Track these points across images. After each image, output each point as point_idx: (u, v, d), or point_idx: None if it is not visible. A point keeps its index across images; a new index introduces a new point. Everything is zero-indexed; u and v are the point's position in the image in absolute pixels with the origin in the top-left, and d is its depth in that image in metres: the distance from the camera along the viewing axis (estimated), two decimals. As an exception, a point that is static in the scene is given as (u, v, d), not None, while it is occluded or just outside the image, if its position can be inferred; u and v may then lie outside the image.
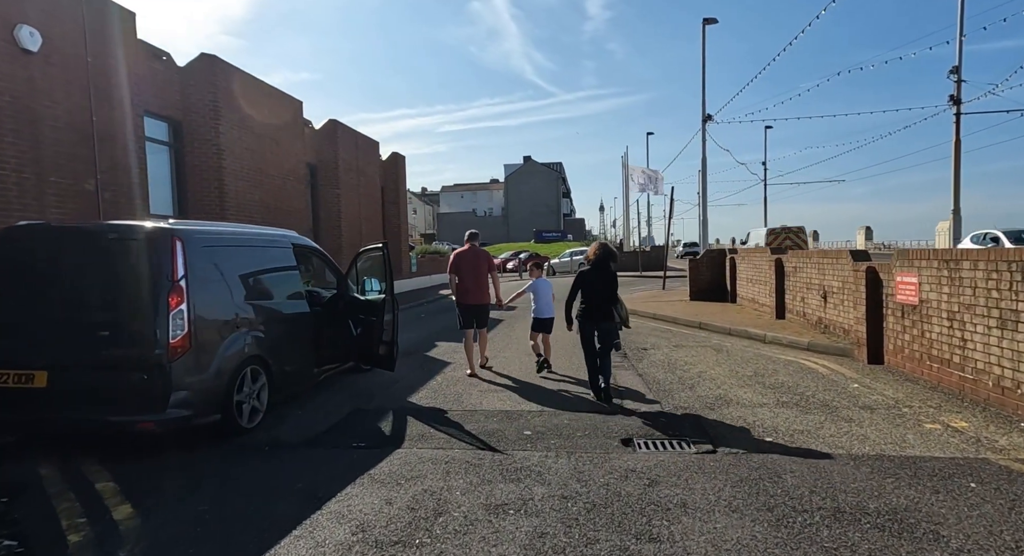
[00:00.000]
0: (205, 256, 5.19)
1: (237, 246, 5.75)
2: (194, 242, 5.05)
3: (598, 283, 6.40)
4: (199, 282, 5.00)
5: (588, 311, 6.41)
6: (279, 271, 6.38)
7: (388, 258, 7.11)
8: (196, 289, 4.92)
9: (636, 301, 16.52)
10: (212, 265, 5.27)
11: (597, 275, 6.43)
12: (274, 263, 6.29)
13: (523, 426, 5.59)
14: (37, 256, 5.02)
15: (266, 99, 14.14)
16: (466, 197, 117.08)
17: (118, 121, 9.42)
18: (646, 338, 10.87)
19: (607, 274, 6.45)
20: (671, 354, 9.15)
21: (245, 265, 5.79)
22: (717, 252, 16.36)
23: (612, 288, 6.43)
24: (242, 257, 5.77)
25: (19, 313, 4.85)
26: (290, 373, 6.26)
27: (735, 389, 6.77)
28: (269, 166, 14.16)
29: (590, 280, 6.45)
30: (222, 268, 5.41)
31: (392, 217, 23.67)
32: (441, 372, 8.30)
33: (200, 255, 5.11)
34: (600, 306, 6.38)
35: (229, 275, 5.48)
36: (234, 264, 5.61)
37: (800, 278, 10.39)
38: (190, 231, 5.12)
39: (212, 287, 5.21)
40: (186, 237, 4.96)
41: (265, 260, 6.12)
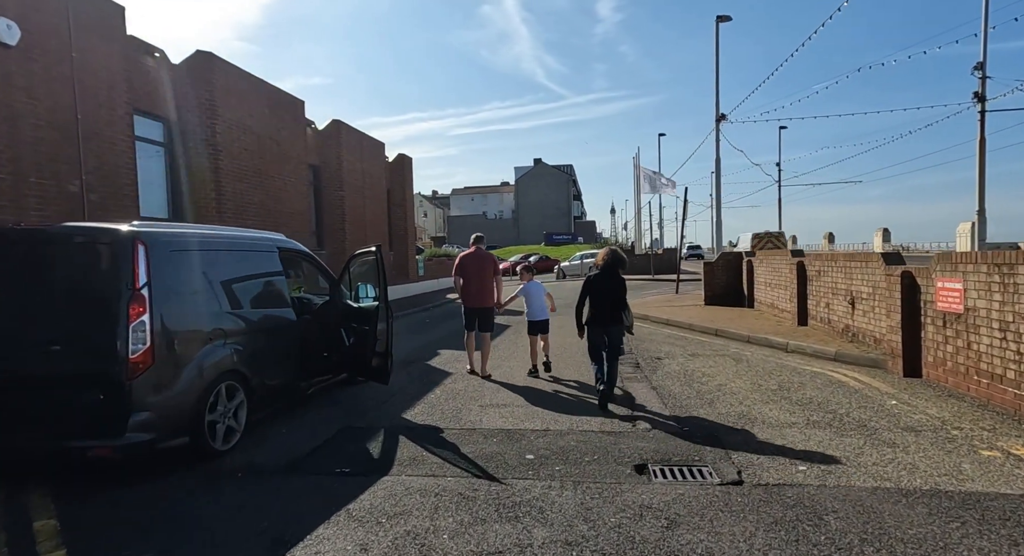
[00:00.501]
0: (174, 261, 4.71)
1: (212, 250, 5.26)
2: (160, 246, 4.57)
3: (607, 289, 6.41)
4: (166, 290, 4.52)
5: (597, 316, 6.40)
6: (262, 277, 5.89)
7: (381, 262, 6.60)
8: (162, 298, 4.44)
9: (649, 306, 15.93)
10: (182, 271, 4.79)
11: (606, 280, 6.45)
12: (256, 269, 5.81)
13: (525, 448, 5.05)
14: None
15: (265, 98, 13.73)
16: (476, 200, 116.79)
17: (105, 119, 9.01)
18: (660, 346, 10.28)
19: (616, 280, 6.48)
20: (687, 364, 8.57)
21: (222, 271, 5.31)
22: (733, 255, 15.73)
23: (621, 294, 6.45)
24: (218, 262, 5.28)
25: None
26: (274, 388, 5.77)
27: (759, 405, 6.19)
28: (269, 167, 13.74)
29: (599, 285, 6.44)
30: (194, 274, 4.93)
31: (398, 219, 23.23)
32: (440, 384, 7.78)
33: (168, 260, 4.63)
34: (609, 311, 6.38)
35: (202, 282, 5.00)
36: (208, 270, 5.12)
37: (824, 283, 9.76)
38: (156, 234, 4.64)
39: (181, 295, 4.73)
40: (151, 240, 4.48)
41: (245, 265, 5.63)
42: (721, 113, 30.01)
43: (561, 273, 35.53)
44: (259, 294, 5.77)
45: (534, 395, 7.03)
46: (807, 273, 10.53)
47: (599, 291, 6.43)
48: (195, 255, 4.99)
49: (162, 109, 11.00)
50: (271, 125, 13.85)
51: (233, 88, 12.36)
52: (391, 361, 6.92)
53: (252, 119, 13.04)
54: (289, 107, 14.86)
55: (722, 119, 30.11)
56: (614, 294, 6.42)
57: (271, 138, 13.80)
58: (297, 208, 14.98)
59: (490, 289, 7.93)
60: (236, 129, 12.40)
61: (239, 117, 12.54)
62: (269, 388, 5.67)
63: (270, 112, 13.86)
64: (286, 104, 14.72)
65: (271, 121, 13.87)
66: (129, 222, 4.66)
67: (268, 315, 5.81)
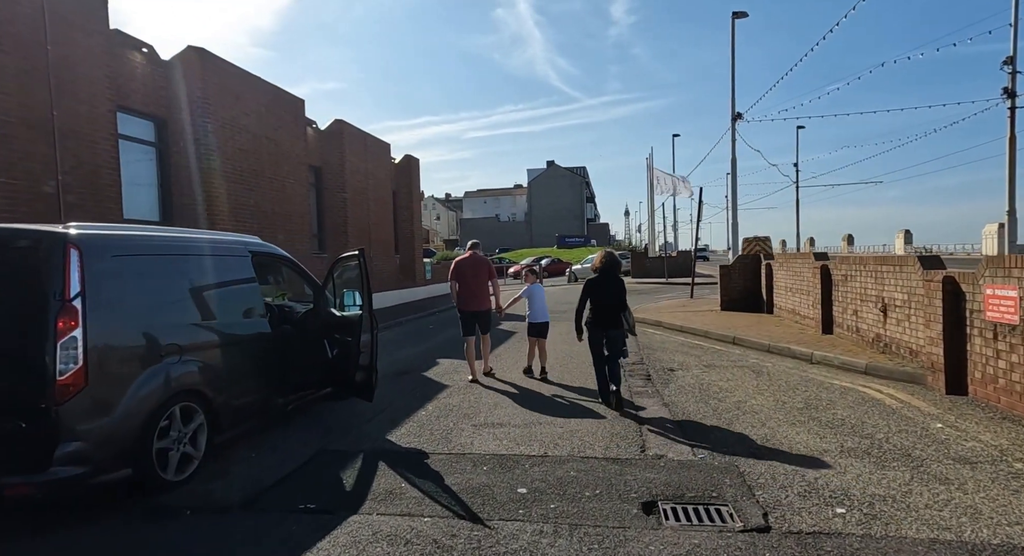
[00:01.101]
0: (117, 268, 4.16)
1: (168, 255, 4.71)
2: (98, 250, 4.02)
3: (606, 291, 6.47)
4: (105, 301, 3.96)
5: (597, 319, 6.45)
6: (230, 285, 5.33)
7: (365, 267, 6.02)
8: (99, 309, 3.88)
9: (662, 311, 15.23)
10: (127, 279, 4.24)
11: (604, 283, 6.51)
12: (223, 275, 5.25)
13: (518, 479, 4.44)
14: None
15: (262, 97, 13.27)
16: (489, 202, 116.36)
17: (85, 116, 8.56)
18: (673, 355, 9.61)
19: (614, 282, 6.55)
20: (702, 377, 7.89)
21: (179, 278, 4.76)
22: (751, 258, 14.99)
23: (620, 296, 6.50)
24: (175, 269, 4.73)
25: None
26: (244, 406, 5.21)
27: (784, 427, 5.51)
28: (266, 168, 13.27)
29: (598, 288, 6.50)
30: (144, 283, 4.38)
31: (404, 222, 22.72)
32: (434, 398, 7.19)
33: (109, 267, 4.08)
34: (609, 314, 6.42)
35: (153, 291, 4.45)
36: (162, 277, 4.58)
37: (852, 288, 9.03)
38: (94, 236, 4.10)
39: (125, 307, 4.17)
40: (86, 244, 3.93)
41: (209, 271, 5.08)
42: (737, 112, 29.22)
43: (573, 276, 34.82)
44: (226, 303, 5.21)
45: (534, 410, 6.42)
46: (832, 277, 9.80)
47: (598, 294, 6.48)
48: (145, 261, 4.45)
49: (152, 107, 10.56)
50: (268, 124, 13.39)
51: (227, 86, 11.90)
52: (376, 375, 6.35)
53: (248, 118, 12.58)
54: (288, 106, 14.40)
55: (738, 118, 29.28)
56: (613, 296, 6.46)
57: (268, 138, 13.34)
58: (296, 210, 14.51)
59: (486, 293, 8.00)
60: (230, 128, 11.94)
61: (233, 116, 12.08)
62: (238, 407, 5.11)
63: (267, 111, 13.40)
64: (285, 103, 14.26)
65: (268, 120, 13.40)
66: (65, 224, 4.12)
67: (237, 326, 5.26)
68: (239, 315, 5.33)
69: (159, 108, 10.70)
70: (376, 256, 19.20)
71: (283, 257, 6.43)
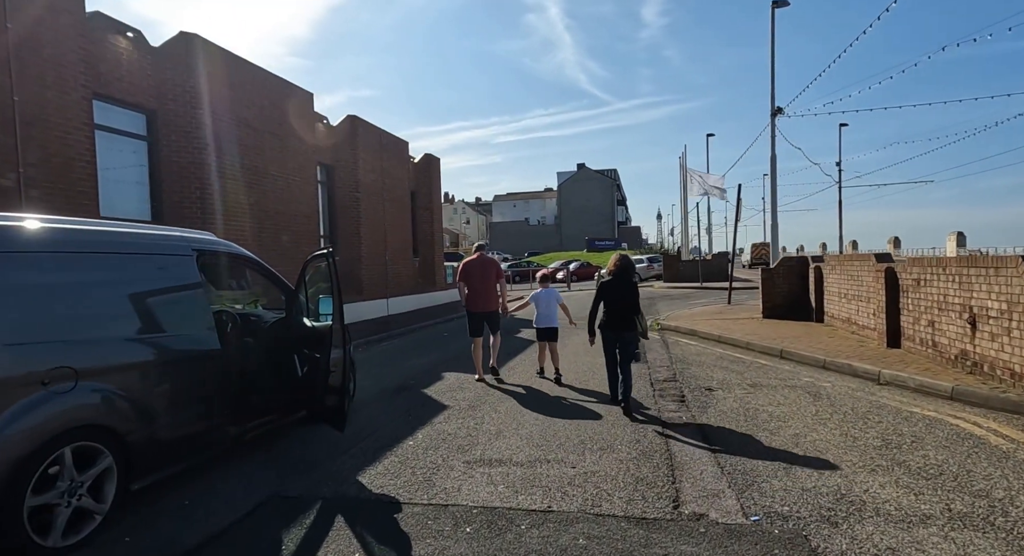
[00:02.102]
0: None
1: (69, 253, 3.74)
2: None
3: (619, 294, 6.45)
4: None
5: (610, 322, 6.45)
6: (163, 291, 4.36)
7: (335, 269, 4.99)
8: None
9: (697, 318, 13.90)
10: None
11: (618, 286, 6.48)
12: (152, 279, 4.27)
13: (507, 550, 3.33)
14: None
15: (265, 89, 12.46)
16: (519, 206, 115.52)
17: (54, 104, 7.78)
18: (711, 371, 8.35)
19: (628, 285, 6.52)
20: (748, 400, 6.65)
21: (85, 282, 3.79)
22: (796, 261, 13.56)
23: (633, 299, 6.47)
24: (79, 270, 3.77)
25: None
26: (175, 442, 4.22)
27: (862, 475, 4.27)
28: (270, 165, 12.46)
29: (611, 291, 6.48)
30: (25, 287, 3.42)
31: (424, 223, 21.81)
32: (429, 423, 6.12)
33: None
34: (622, 317, 6.40)
35: (41, 298, 3.49)
36: (56, 281, 3.61)
37: (927, 294, 7.65)
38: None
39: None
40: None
41: (131, 274, 4.10)
42: (777, 107, 27.60)
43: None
44: (154, 313, 4.24)
45: (542, 440, 5.29)
46: (900, 282, 8.41)
47: (612, 297, 6.45)
48: (30, 258, 3.48)
49: (141, 98, 9.80)
50: (272, 119, 12.57)
51: (223, 76, 11.11)
52: (350, 399, 5.32)
53: (248, 111, 11.77)
54: (295, 100, 13.58)
55: (778, 113, 27.56)
56: (626, 299, 6.42)
57: (271, 133, 12.52)
58: (303, 210, 13.67)
59: (494, 294, 8.05)
60: (227, 121, 11.13)
61: (231, 108, 11.28)
62: (168, 442, 4.13)
63: (271, 104, 12.59)
64: (291, 97, 13.44)
65: (272, 114, 12.59)
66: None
67: (170, 342, 4.27)
68: (174, 328, 4.35)
69: (148, 99, 9.94)
70: (393, 259, 18.31)
71: (244, 257, 5.44)
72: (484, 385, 7.85)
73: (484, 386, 7.84)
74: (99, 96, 8.97)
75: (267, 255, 12.20)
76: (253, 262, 5.51)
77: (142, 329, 4.07)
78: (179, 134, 10.29)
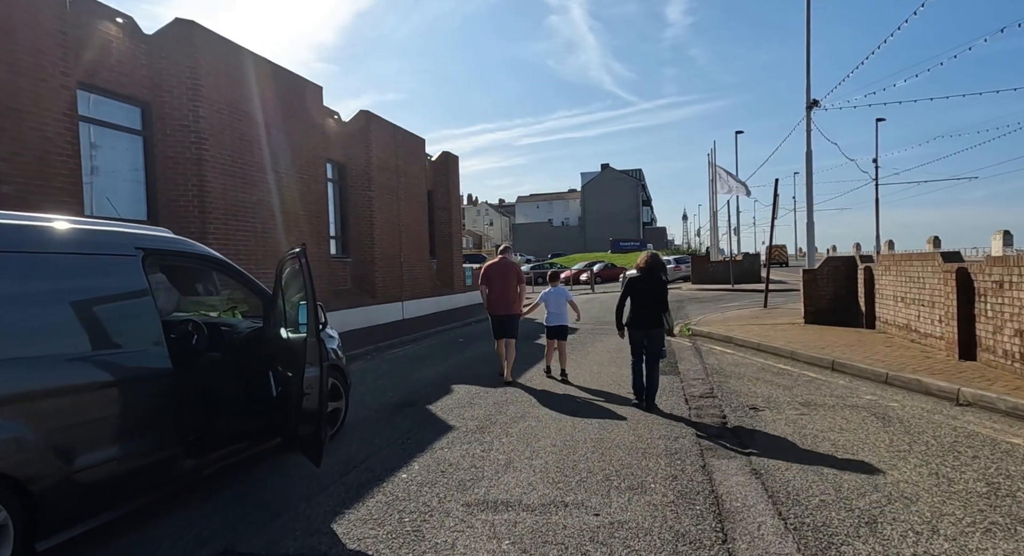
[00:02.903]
0: None
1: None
2: None
3: (648, 290, 6.46)
4: None
5: (638, 319, 6.47)
6: (94, 301, 3.58)
7: (307, 271, 4.16)
8: None
9: (732, 323, 12.84)
10: None
11: (647, 283, 6.48)
12: (81, 287, 3.50)
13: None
14: None
15: (269, 81, 11.79)
16: (542, 207, 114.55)
17: (28, 93, 7.15)
18: (754, 386, 7.36)
19: (657, 282, 6.51)
20: (802, 423, 5.66)
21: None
22: (843, 261, 12.42)
23: (662, 295, 6.49)
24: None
25: None
26: (102, 484, 3.43)
27: (975, 539, 3.29)
28: (275, 161, 11.79)
29: (640, 288, 6.48)
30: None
31: (442, 224, 21.06)
32: (429, 449, 5.28)
33: None
34: (650, 313, 6.44)
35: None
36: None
37: (1014, 299, 6.56)
38: None
39: None
40: None
41: (51, 280, 3.33)
42: (813, 99, 26.20)
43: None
44: (78, 326, 3.46)
45: (561, 475, 4.40)
46: (975, 285, 7.32)
47: (640, 293, 6.48)
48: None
49: (134, 88, 9.18)
50: (276, 112, 11.90)
51: (223, 66, 10.46)
52: (335, 425, 4.50)
53: (250, 103, 11.11)
54: (302, 94, 12.91)
55: (814, 106, 26.15)
56: (655, 296, 6.46)
57: (276, 127, 11.85)
58: (311, 209, 12.98)
59: (514, 297, 8.07)
60: (227, 114, 10.48)
61: (231, 100, 10.62)
62: (93, 486, 3.35)
63: (276, 97, 11.92)
64: (298, 89, 12.77)
65: (276, 107, 11.92)
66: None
67: (100, 360, 3.49)
68: (107, 343, 3.57)
69: (142, 90, 9.31)
70: (408, 260, 17.58)
71: (209, 258, 4.63)
72: (496, 401, 7.00)
73: (496, 401, 6.99)
74: (86, 86, 8.36)
75: (271, 256, 11.55)
76: (219, 263, 4.71)
77: (62, 346, 3.29)
78: (176, 128, 9.65)
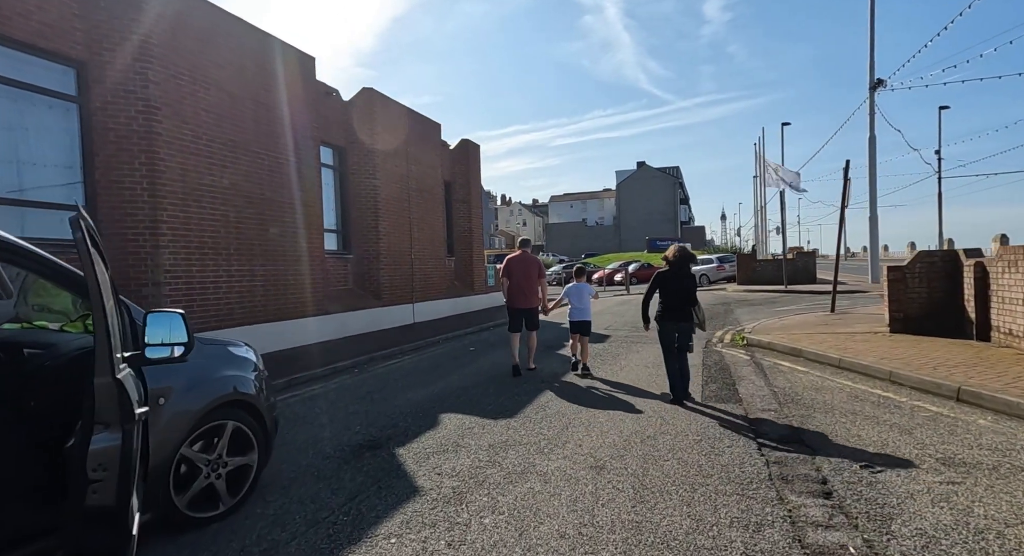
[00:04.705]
0: None
1: None
2: None
3: (677, 284, 6.40)
4: None
5: (667, 312, 6.41)
6: None
7: (90, 247, 2.28)
8: None
9: (795, 331, 10.58)
10: None
11: (676, 276, 6.42)
12: None
13: None
14: None
15: (246, 46, 10.10)
16: (575, 206, 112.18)
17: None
18: (852, 424, 5.22)
19: (687, 276, 6.47)
20: (960, 502, 3.55)
21: None
22: (941, 255, 10.04)
23: (691, 289, 6.45)
24: None
25: None
26: None
27: None
28: (251, 140, 10.10)
29: (669, 281, 6.42)
30: None
31: (461, 218, 19.21)
32: (369, 537, 3.37)
33: None
34: (680, 307, 6.38)
35: None
36: None
37: None
38: None
39: None
40: None
41: None
42: (877, 79, 23.49)
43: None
44: None
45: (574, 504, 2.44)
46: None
47: (670, 287, 6.41)
48: None
49: (64, 44, 7.56)
50: (255, 83, 10.22)
51: (183, 23, 8.79)
52: (132, 518, 2.58)
53: (221, 71, 9.43)
54: (289, 64, 11.19)
55: (879, 86, 23.48)
56: (685, 290, 6.40)
57: (253, 99, 10.15)
58: (300, 198, 11.26)
59: (534, 291, 8.19)
60: (188, 80, 8.80)
61: (196, 65, 8.95)
62: None
63: (255, 66, 10.23)
64: (284, 59, 11.06)
65: (256, 78, 10.23)
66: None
67: None
68: None
69: (74, 46, 7.68)
70: (421, 258, 15.79)
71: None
72: (491, 442, 5.05)
73: (491, 443, 5.04)
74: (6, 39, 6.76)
75: (245, 250, 9.84)
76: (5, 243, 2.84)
77: None
78: (119, 94, 8.00)
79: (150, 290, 8.13)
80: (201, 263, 8.94)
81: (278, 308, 10.51)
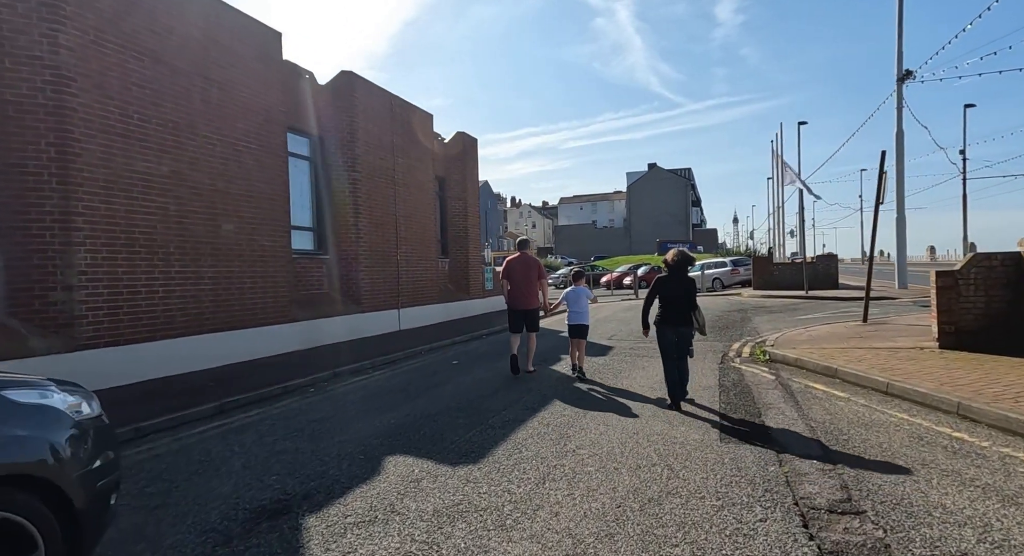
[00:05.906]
0: None
1: None
2: None
3: (677, 289, 6.35)
4: None
5: (667, 316, 6.34)
6: None
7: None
8: None
9: (825, 344, 9.07)
10: None
11: (675, 281, 6.37)
12: None
13: None
14: None
15: (193, 15, 8.80)
16: (585, 208, 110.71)
17: None
18: (925, 484, 3.77)
19: (685, 280, 6.42)
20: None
21: None
22: (1000, 259, 8.51)
23: (691, 294, 6.39)
24: None
25: None
26: None
27: None
28: (200, 122, 8.81)
29: (669, 286, 6.37)
30: None
31: (456, 217, 17.87)
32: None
33: None
34: (679, 312, 6.31)
35: None
36: None
37: None
38: None
39: None
40: None
41: None
42: (906, 70, 21.86)
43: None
44: None
45: None
46: None
47: (669, 291, 6.36)
48: None
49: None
50: (205, 58, 8.93)
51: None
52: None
53: (159, 40, 8.15)
54: (249, 39, 9.91)
55: (906, 77, 21.84)
56: (684, 294, 6.34)
57: (202, 76, 8.86)
58: (262, 190, 9.96)
59: (534, 292, 8.18)
60: (113, 48, 7.52)
61: (124, 30, 7.67)
62: None
63: (204, 37, 8.95)
64: (242, 32, 9.77)
65: (205, 52, 8.95)
66: None
67: None
68: None
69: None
70: (409, 259, 14.46)
71: None
72: (441, 503, 3.66)
73: (440, 506, 3.66)
74: None
75: (189, 248, 8.52)
76: None
77: None
78: (19, 60, 6.73)
79: (59, 295, 6.84)
80: (130, 263, 7.65)
81: (231, 315, 9.20)
